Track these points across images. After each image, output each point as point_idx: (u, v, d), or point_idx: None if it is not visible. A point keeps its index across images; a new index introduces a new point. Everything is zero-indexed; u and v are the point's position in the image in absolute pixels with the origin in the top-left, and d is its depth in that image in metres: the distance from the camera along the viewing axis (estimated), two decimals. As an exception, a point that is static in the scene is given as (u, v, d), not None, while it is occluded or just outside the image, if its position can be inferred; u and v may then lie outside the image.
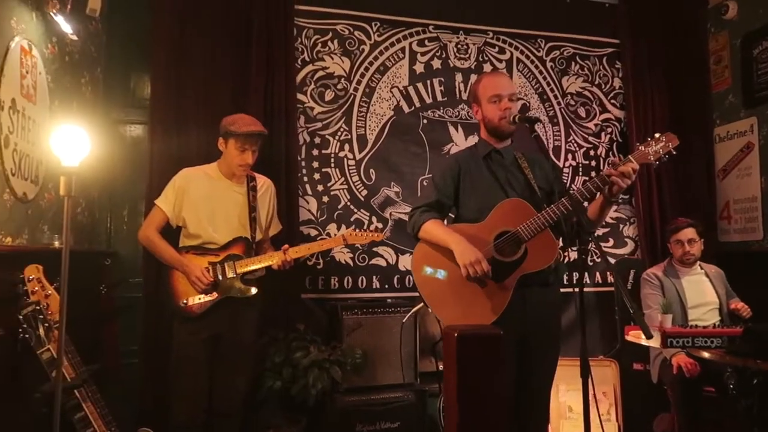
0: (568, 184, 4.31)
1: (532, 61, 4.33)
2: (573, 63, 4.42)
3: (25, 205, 2.60)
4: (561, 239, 2.36)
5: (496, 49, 4.26)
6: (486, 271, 2.19)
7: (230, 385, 2.87)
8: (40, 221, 2.77)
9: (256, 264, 2.86)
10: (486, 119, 2.46)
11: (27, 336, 2.21)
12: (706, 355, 3.00)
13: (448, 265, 2.30)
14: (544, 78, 4.35)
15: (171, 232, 2.95)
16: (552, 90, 4.36)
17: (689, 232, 3.52)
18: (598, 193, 2.29)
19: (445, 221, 2.49)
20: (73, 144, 1.91)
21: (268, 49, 3.70)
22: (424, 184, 3.90)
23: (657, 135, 2.25)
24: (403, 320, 3.25)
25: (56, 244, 2.83)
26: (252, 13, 3.70)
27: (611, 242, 4.36)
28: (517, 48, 4.30)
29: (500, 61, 4.25)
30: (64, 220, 1.91)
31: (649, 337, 1.83)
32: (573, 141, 4.36)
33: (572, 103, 4.40)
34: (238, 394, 2.89)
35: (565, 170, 4.31)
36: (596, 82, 4.47)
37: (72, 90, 3.18)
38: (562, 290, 4.19)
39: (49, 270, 2.37)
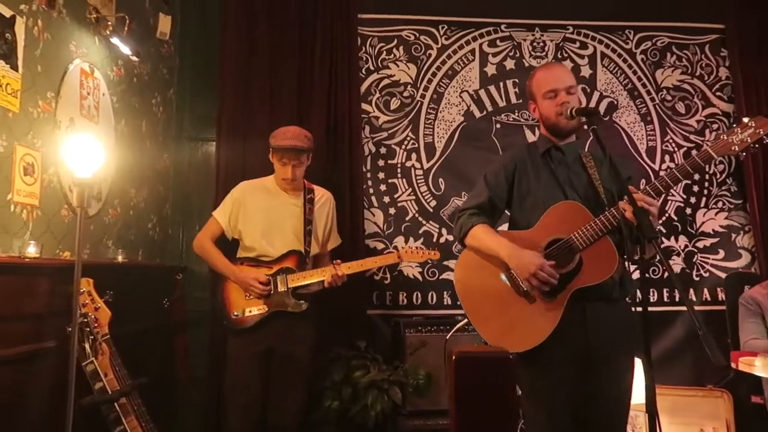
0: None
1: (620, 55, 3.93)
2: (668, 54, 3.95)
3: (86, 221, 2.69)
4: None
5: (577, 44, 3.91)
6: (550, 276, 1.92)
7: (283, 400, 2.78)
8: (104, 236, 2.87)
9: (308, 278, 2.77)
10: (543, 116, 2.19)
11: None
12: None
13: (496, 277, 2.05)
14: (634, 72, 3.93)
15: (232, 247, 2.94)
16: (644, 85, 3.93)
17: None
18: None
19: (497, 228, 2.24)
20: (86, 155, 1.90)
21: (331, 60, 3.65)
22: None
23: (745, 120, 1.87)
24: (447, 336, 2.99)
25: (119, 258, 2.91)
26: (316, 27, 3.68)
27: (721, 254, 3.81)
28: (601, 42, 3.92)
29: (582, 57, 3.90)
30: (77, 232, 1.92)
31: (719, 364, 1.47)
32: (670, 140, 3.88)
33: (668, 98, 3.93)
34: (290, 410, 2.79)
35: (662, 173, 3.83)
36: (698, 74, 3.96)
37: (141, 110, 3.30)
38: (662, 308, 3.82)
39: (106, 283, 2.42)
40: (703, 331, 1.49)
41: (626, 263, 2.06)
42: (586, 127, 2.08)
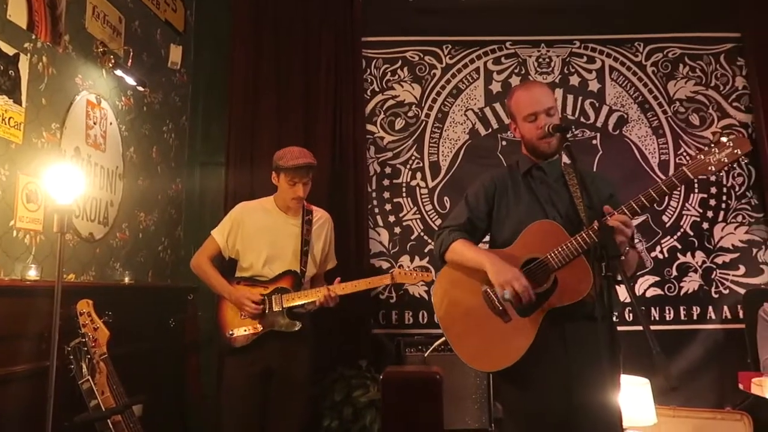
0: (680, 204, 3.73)
1: (629, 68, 3.86)
2: (681, 65, 3.87)
3: (92, 244, 2.82)
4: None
5: (584, 58, 3.87)
6: (526, 288, 1.90)
7: (281, 421, 2.80)
8: (110, 259, 2.99)
9: (302, 299, 2.80)
10: (524, 138, 2.17)
11: (72, 367, 2.35)
12: None
13: (474, 295, 2.04)
14: (645, 85, 3.85)
15: (230, 267, 3.01)
16: (655, 98, 3.84)
17: None
18: None
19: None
20: (65, 182, 2.00)
21: (336, 83, 3.74)
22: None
23: (723, 139, 1.81)
24: (425, 355, 2.96)
25: (126, 280, 3.02)
26: (321, 51, 3.77)
27: (742, 270, 3.66)
28: (609, 55, 3.87)
29: (590, 71, 3.86)
30: (58, 255, 2.01)
31: (670, 386, 1.42)
32: (684, 153, 3.77)
33: (682, 110, 3.83)
34: (289, 431, 2.81)
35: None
36: (712, 84, 3.85)
37: (152, 137, 3.44)
38: (679, 327, 3.66)
39: (109, 304, 2.52)
40: (656, 350, 1.43)
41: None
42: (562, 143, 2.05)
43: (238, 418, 2.76)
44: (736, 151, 1.79)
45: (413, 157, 3.79)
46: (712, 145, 1.83)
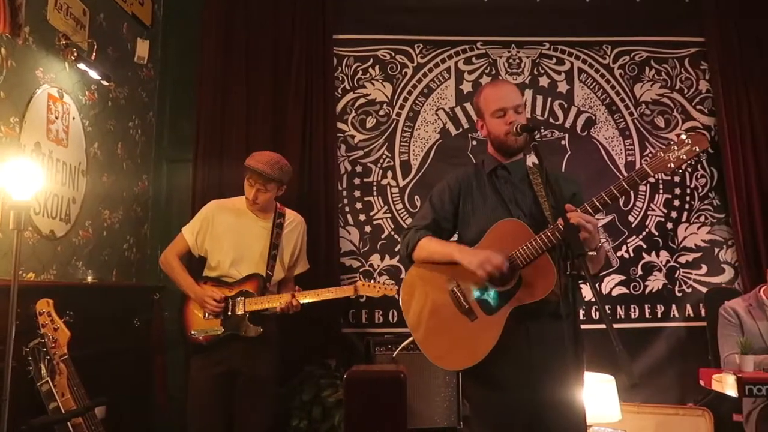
0: (645, 204, 3.80)
1: (597, 70, 3.92)
2: (647, 68, 3.94)
3: (53, 242, 2.75)
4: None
5: (554, 60, 3.92)
6: (502, 261, 1.91)
7: (247, 423, 2.77)
8: (73, 257, 2.91)
9: (265, 304, 2.76)
10: (491, 135, 2.18)
11: (31, 368, 2.28)
12: (803, 407, 2.41)
13: (440, 295, 2.04)
14: (612, 87, 3.91)
15: (200, 265, 2.97)
16: (622, 100, 3.91)
17: None
18: None
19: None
20: (23, 178, 1.95)
21: (307, 80, 3.71)
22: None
23: (683, 136, 1.85)
24: (393, 354, 2.97)
25: (89, 279, 2.95)
26: (292, 47, 3.74)
27: (704, 269, 3.75)
28: (578, 57, 3.92)
29: (559, 72, 3.90)
30: (14, 253, 1.95)
31: (632, 383, 1.44)
32: (650, 154, 3.84)
33: (647, 112, 3.90)
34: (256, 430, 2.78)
35: (642, 188, 3.80)
36: (677, 87, 3.93)
37: (117, 133, 3.37)
38: (644, 324, 3.73)
39: (71, 304, 2.44)
40: (619, 348, 1.46)
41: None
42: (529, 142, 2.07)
43: (202, 418, 2.73)
44: (694, 148, 1.83)
45: (384, 156, 3.78)
46: (671, 143, 1.87)
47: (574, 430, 1.97)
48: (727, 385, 2.55)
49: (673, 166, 1.83)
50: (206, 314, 2.75)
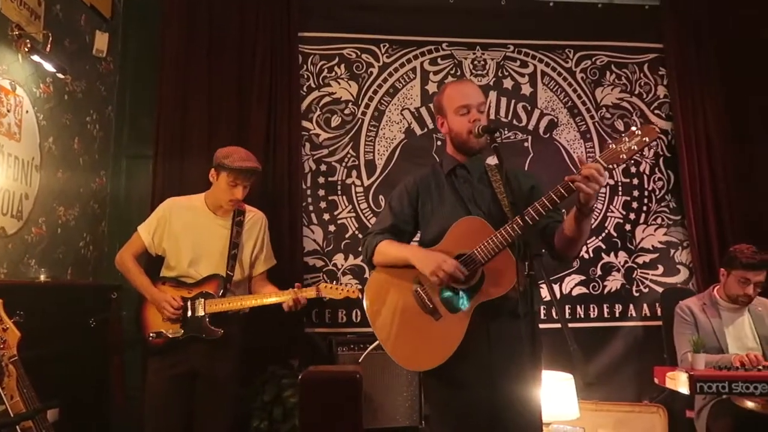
0: (605, 206, 3.88)
1: (560, 74, 3.98)
2: (608, 72, 4.02)
3: (3, 239, 2.65)
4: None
5: (518, 62, 3.96)
6: (455, 266, 1.92)
7: (207, 423, 2.72)
8: (24, 255, 2.82)
9: (225, 305, 2.72)
10: (453, 133, 2.19)
11: (-24, 370, 2.20)
12: (750, 405, 2.50)
13: (404, 296, 2.05)
14: (574, 90, 3.99)
15: (158, 264, 2.90)
16: (584, 103, 3.98)
17: (762, 275, 2.91)
18: (574, 207, 1.93)
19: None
20: None
21: (271, 78, 3.67)
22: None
23: (633, 128, 1.89)
24: (359, 360, 2.97)
25: (42, 277, 2.86)
26: (256, 44, 3.69)
27: (660, 269, 3.85)
28: (541, 60, 3.98)
29: (522, 75, 3.95)
30: None
31: (585, 382, 1.47)
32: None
33: (608, 116, 3.99)
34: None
35: (602, 190, 3.87)
36: (636, 92, 4.03)
37: (74, 127, 3.27)
38: (602, 324, 3.80)
39: (23, 303, 2.36)
40: (573, 347, 1.48)
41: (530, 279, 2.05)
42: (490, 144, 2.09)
43: (159, 420, 2.67)
44: (644, 138, 1.85)
45: (349, 155, 3.77)
46: (623, 135, 1.91)
47: (530, 428, 2.00)
48: (679, 382, 2.62)
49: (625, 157, 1.85)
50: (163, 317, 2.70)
